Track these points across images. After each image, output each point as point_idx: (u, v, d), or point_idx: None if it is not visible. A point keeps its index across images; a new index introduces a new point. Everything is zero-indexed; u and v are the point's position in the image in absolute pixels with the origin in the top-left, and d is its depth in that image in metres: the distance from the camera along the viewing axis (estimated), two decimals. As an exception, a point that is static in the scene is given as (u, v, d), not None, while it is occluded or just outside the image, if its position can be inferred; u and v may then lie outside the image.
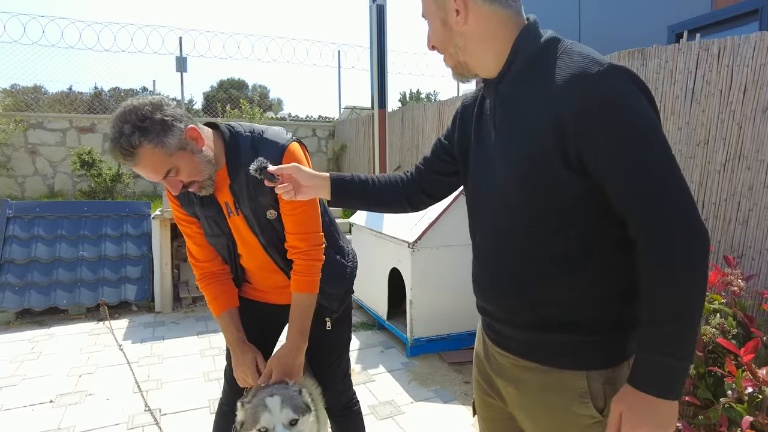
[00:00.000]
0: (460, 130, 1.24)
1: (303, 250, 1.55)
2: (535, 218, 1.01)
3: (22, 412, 2.87)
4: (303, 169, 1.30)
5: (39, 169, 7.36)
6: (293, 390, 1.45)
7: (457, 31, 1.05)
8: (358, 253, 4.57)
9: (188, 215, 1.59)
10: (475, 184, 1.17)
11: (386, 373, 3.29)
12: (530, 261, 1.03)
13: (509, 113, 1.06)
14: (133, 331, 4.20)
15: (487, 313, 1.16)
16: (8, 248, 4.57)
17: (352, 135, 8.75)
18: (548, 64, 0.98)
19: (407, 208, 1.40)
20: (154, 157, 1.30)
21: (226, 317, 1.63)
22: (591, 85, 0.91)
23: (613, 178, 0.93)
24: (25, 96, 11.63)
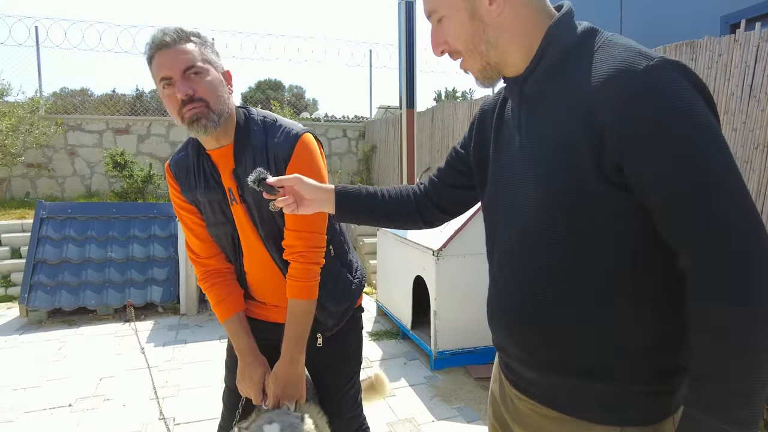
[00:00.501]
0: (478, 138, 1.08)
1: (299, 251, 1.41)
2: (559, 244, 0.84)
3: (42, 415, 2.87)
4: (306, 180, 1.19)
5: (77, 170, 7.57)
6: (294, 417, 1.33)
7: (490, 23, 0.88)
8: (383, 258, 4.45)
9: (187, 202, 1.47)
10: (493, 200, 1.00)
11: (408, 387, 3.14)
12: (553, 294, 0.86)
13: (536, 116, 0.89)
14: (157, 334, 4.19)
15: (504, 350, 0.99)
16: (41, 248, 4.66)
17: (382, 135, 8.62)
18: (584, 58, 0.82)
19: (420, 224, 1.25)
20: (192, 50, 1.30)
21: (235, 322, 1.50)
22: (637, 82, 0.74)
23: (659, 196, 0.75)
24: (73, 99, 12.07)
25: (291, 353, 1.41)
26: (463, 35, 0.91)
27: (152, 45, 1.29)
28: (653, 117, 0.73)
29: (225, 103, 1.34)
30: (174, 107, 1.29)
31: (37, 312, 4.44)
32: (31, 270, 4.53)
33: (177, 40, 1.29)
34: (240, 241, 1.48)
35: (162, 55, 1.28)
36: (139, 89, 11.12)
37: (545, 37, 0.87)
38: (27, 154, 7.08)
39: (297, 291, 1.42)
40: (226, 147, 1.39)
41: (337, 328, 1.55)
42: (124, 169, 6.49)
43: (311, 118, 11.65)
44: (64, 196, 7.46)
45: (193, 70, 1.28)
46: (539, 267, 0.88)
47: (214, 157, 1.41)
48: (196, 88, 1.28)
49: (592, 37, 0.85)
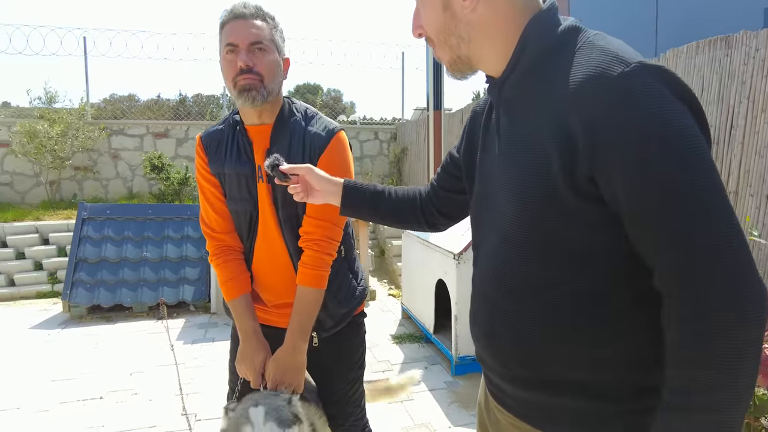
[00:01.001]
0: (468, 141, 1.06)
1: (315, 239, 1.44)
2: (534, 255, 0.81)
3: (75, 406, 3.01)
4: (316, 171, 1.24)
5: (120, 173, 7.91)
6: (281, 399, 1.32)
7: (462, 18, 0.85)
8: (407, 261, 4.44)
9: (212, 174, 1.51)
10: (476, 206, 0.98)
11: (427, 392, 3.11)
12: (525, 304, 0.83)
13: (513, 121, 0.86)
14: (187, 332, 4.33)
15: (483, 361, 0.97)
16: (83, 248, 4.90)
17: (413, 137, 8.60)
18: (562, 61, 0.77)
19: (424, 226, 1.25)
20: (263, 28, 1.39)
21: (242, 302, 1.51)
22: (610, 90, 0.70)
23: (627, 210, 0.71)
24: (121, 104, 12.64)
25: (294, 340, 1.43)
26: (434, 24, 0.89)
27: (230, 13, 1.39)
28: (624, 127, 0.69)
29: (277, 83, 1.43)
30: (231, 73, 1.37)
31: (78, 308, 4.66)
32: (73, 268, 4.76)
33: (253, 15, 1.39)
34: (257, 221, 1.50)
35: (235, 23, 1.38)
36: (182, 94, 11.51)
37: (521, 38, 0.82)
38: (74, 157, 7.46)
39: (308, 278, 1.44)
40: (266, 126, 1.45)
41: (334, 331, 1.56)
42: (161, 172, 6.75)
43: (347, 120, 11.75)
44: (108, 197, 7.81)
45: (258, 45, 1.37)
46: (513, 279, 0.85)
47: (251, 132, 1.46)
48: (257, 62, 1.37)
49: (573, 37, 0.80)
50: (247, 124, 1.47)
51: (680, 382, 0.68)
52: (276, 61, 1.42)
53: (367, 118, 11.97)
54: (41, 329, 4.42)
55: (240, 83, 1.36)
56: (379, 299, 5.13)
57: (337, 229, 1.48)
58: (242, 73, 1.36)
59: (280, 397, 1.34)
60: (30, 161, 7.23)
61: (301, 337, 1.44)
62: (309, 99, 9.70)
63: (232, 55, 1.37)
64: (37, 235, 5.95)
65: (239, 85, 1.37)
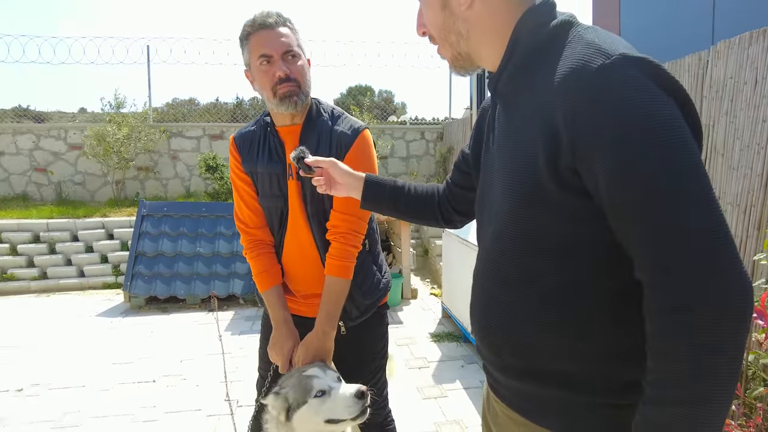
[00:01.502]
0: (476, 138, 1.09)
1: (342, 232, 1.51)
2: (523, 248, 0.83)
3: (131, 387, 3.25)
4: (339, 165, 1.29)
5: (178, 173, 8.36)
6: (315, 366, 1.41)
7: (460, 15, 0.88)
8: (447, 260, 4.45)
9: (245, 173, 1.60)
10: (479, 201, 1.01)
11: (461, 389, 3.12)
12: (517, 295, 0.85)
13: (508, 116, 0.89)
14: (235, 323, 4.54)
15: (479, 351, 1.00)
16: (142, 242, 5.24)
17: (459, 137, 8.55)
18: (552, 56, 0.78)
19: (441, 222, 1.28)
20: (290, 35, 1.47)
21: (274, 293, 1.60)
22: (589, 82, 0.71)
23: (608, 204, 0.72)
24: (182, 108, 13.32)
25: (323, 326, 1.50)
26: (435, 23, 0.92)
27: (254, 24, 1.45)
28: (603, 119, 0.69)
29: (309, 85, 1.51)
30: (269, 82, 1.45)
31: (137, 298, 4.99)
32: (133, 261, 5.10)
33: (278, 23, 1.45)
34: (287, 217, 1.58)
35: (263, 34, 1.44)
36: (238, 97, 11.98)
37: (512, 35, 0.84)
38: (138, 158, 7.96)
39: (335, 269, 1.52)
40: (296, 126, 1.53)
41: (360, 320, 1.62)
42: (215, 172, 7.08)
43: (398, 121, 11.82)
44: (167, 196, 8.27)
45: (290, 53, 1.45)
46: (506, 270, 0.87)
47: (282, 133, 1.55)
48: (292, 69, 1.45)
49: (565, 31, 0.80)
50: (278, 125, 1.55)
51: (657, 374, 0.69)
52: (305, 65, 1.50)
53: (419, 118, 11.99)
54: (105, 317, 4.77)
55: (280, 92, 1.44)
56: (420, 298, 5.17)
57: (362, 223, 1.54)
58: (281, 82, 1.43)
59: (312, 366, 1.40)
60: (99, 162, 7.79)
61: (329, 324, 1.51)
62: (359, 100, 9.83)
63: (267, 65, 1.44)
64: (103, 231, 6.40)
65: (280, 94, 1.44)
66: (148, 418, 2.85)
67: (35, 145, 8.05)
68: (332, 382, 1.34)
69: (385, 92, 30.16)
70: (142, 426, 2.77)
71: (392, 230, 5.75)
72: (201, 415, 2.87)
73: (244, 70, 1.53)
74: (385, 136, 8.91)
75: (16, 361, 3.70)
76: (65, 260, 6.09)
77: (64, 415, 2.90)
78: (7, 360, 3.73)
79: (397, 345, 3.87)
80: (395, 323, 4.40)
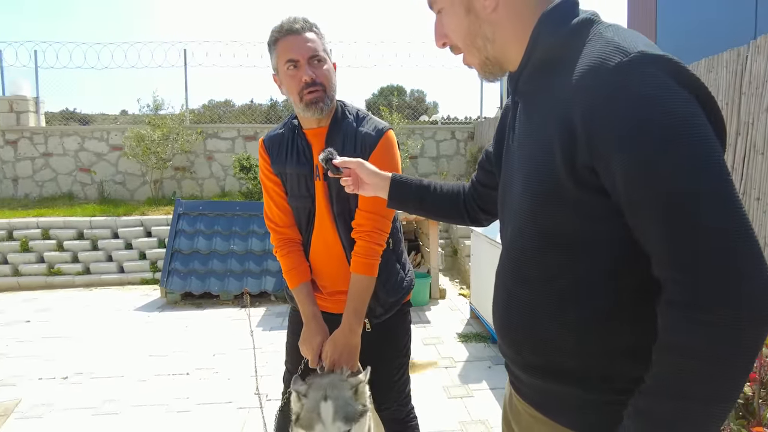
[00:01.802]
0: (498, 136, 1.10)
1: (366, 230, 1.55)
2: (543, 245, 0.84)
3: (166, 379, 3.38)
4: (366, 165, 1.32)
5: (214, 173, 8.61)
6: (347, 389, 1.38)
7: (485, 18, 0.87)
8: (476, 260, 4.43)
9: (274, 174, 1.65)
10: (500, 199, 1.02)
11: (488, 390, 3.11)
12: (536, 293, 0.86)
13: (527, 115, 0.89)
14: (267, 319, 4.64)
15: (501, 349, 1.01)
16: (178, 240, 5.41)
17: (490, 136, 8.48)
18: (571, 54, 0.78)
19: (467, 221, 1.30)
20: (316, 40, 1.50)
21: (303, 289, 1.65)
22: (606, 80, 0.70)
23: (630, 200, 0.71)
24: (218, 110, 13.66)
25: (350, 323, 1.54)
26: (459, 29, 0.91)
27: (281, 30, 1.50)
28: (620, 118, 0.69)
29: (335, 89, 1.55)
30: (296, 87, 1.49)
31: (173, 294, 5.17)
32: (169, 258, 5.28)
33: (304, 28, 1.49)
34: (314, 216, 1.63)
35: (290, 40, 1.47)
36: (272, 99, 12.19)
37: (532, 34, 0.84)
38: (175, 159, 8.23)
39: (360, 267, 1.55)
40: (322, 128, 1.58)
41: (385, 318, 1.65)
42: (249, 172, 7.25)
43: (429, 120, 11.80)
44: (203, 195, 8.52)
45: (316, 58, 1.48)
46: (527, 268, 0.88)
47: (309, 136, 1.60)
48: (318, 73, 1.48)
49: (586, 29, 0.80)
50: (305, 128, 1.60)
51: (663, 368, 0.68)
52: (331, 69, 1.53)
53: (450, 117, 11.95)
54: (143, 311, 4.96)
55: (306, 98, 1.48)
56: (448, 298, 5.16)
57: (386, 221, 1.58)
58: (307, 87, 1.47)
59: (347, 383, 1.39)
60: (138, 162, 8.10)
61: (355, 320, 1.55)
62: (390, 100, 9.86)
63: (294, 70, 1.48)
64: (142, 228, 6.65)
65: (306, 99, 1.48)
66: (182, 408, 2.96)
67: (80, 147, 8.44)
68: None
69: (416, 92, 30.07)
70: (176, 416, 2.88)
71: (421, 230, 5.76)
72: (232, 407, 2.96)
73: (273, 74, 1.58)
74: (415, 136, 8.92)
75: (62, 351, 3.90)
76: (106, 256, 6.36)
77: (104, 403, 3.04)
78: (55, 349, 3.94)
79: (423, 344, 3.88)
80: (423, 323, 4.41)
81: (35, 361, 3.72)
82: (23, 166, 8.38)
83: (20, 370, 3.54)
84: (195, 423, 2.80)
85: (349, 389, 1.38)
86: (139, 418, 2.87)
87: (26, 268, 6.14)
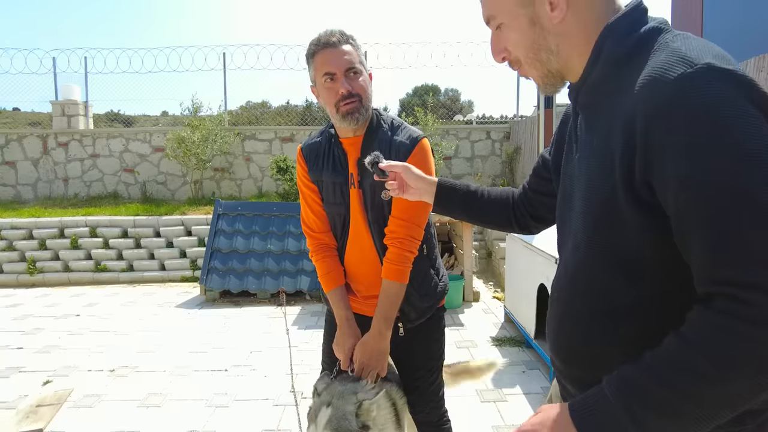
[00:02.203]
0: (557, 144, 1.09)
1: (399, 237, 1.57)
2: (597, 260, 0.85)
3: (205, 375, 3.49)
4: (412, 169, 1.34)
5: (251, 173, 8.82)
6: (352, 403, 1.40)
7: (552, 30, 0.85)
8: (511, 264, 4.38)
9: (311, 181, 1.70)
10: (560, 210, 1.01)
11: (521, 395, 3.08)
12: (589, 308, 0.87)
13: (588, 126, 0.88)
14: (302, 318, 4.73)
15: (554, 363, 1.01)
16: (217, 239, 5.58)
17: (526, 136, 8.35)
18: (636, 65, 0.77)
19: (515, 228, 1.29)
20: (352, 52, 1.54)
21: (338, 293, 1.69)
22: (666, 92, 0.69)
23: (677, 212, 0.71)
24: (255, 111, 13.96)
25: (380, 327, 1.58)
26: (522, 42, 0.88)
27: (318, 43, 1.54)
28: (677, 131, 0.68)
29: (371, 99, 1.58)
30: (333, 99, 1.53)
31: (212, 292, 5.33)
32: (209, 257, 5.45)
33: (341, 41, 1.53)
34: (349, 222, 1.67)
35: (328, 53, 1.52)
36: (308, 100, 12.36)
37: (596, 45, 0.83)
38: (214, 160, 8.47)
39: (391, 273, 1.58)
40: (358, 137, 1.61)
41: (418, 322, 1.67)
42: (285, 173, 7.39)
43: (464, 120, 11.74)
44: (241, 195, 8.74)
45: (353, 70, 1.52)
46: (580, 283, 0.88)
47: (345, 144, 1.64)
48: (354, 85, 1.52)
49: (653, 39, 0.78)
50: (342, 137, 1.63)
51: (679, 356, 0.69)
52: (366, 80, 1.57)
53: (486, 116, 11.86)
54: (183, 308, 5.13)
55: (343, 109, 1.52)
56: (482, 301, 5.13)
57: (419, 229, 1.60)
58: (344, 99, 1.51)
59: (354, 398, 1.41)
60: (179, 163, 8.38)
61: (385, 325, 1.58)
62: (424, 100, 9.86)
63: (331, 83, 1.52)
64: (182, 227, 6.88)
65: (342, 111, 1.52)
66: (221, 404, 3.06)
67: (125, 148, 8.79)
68: None
69: (451, 91, 29.91)
70: (216, 411, 2.98)
71: (455, 232, 5.74)
72: (268, 404, 3.04)
73: (311, 86, 1.62)
74: (450, 136, 8.88)
75: (109, 344, 4.09)
76: (149, 254, 6.61)
77: (148, 396, 3.17)
78: (102, 343, 4.13)
79: (457, 347, 3.88)
80: (456, 325, 4.40)
81: (85, 353, 3.92)
82: (73, 167, 8.80)
83: (72, 362, 3.74)
84: (233, 418, 2.89)
85: (354, 404, 1.40)
86: (180, 410, 2.99)
87: (75, 265, 6.45)
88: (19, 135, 8.88)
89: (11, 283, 6.28)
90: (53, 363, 3.72)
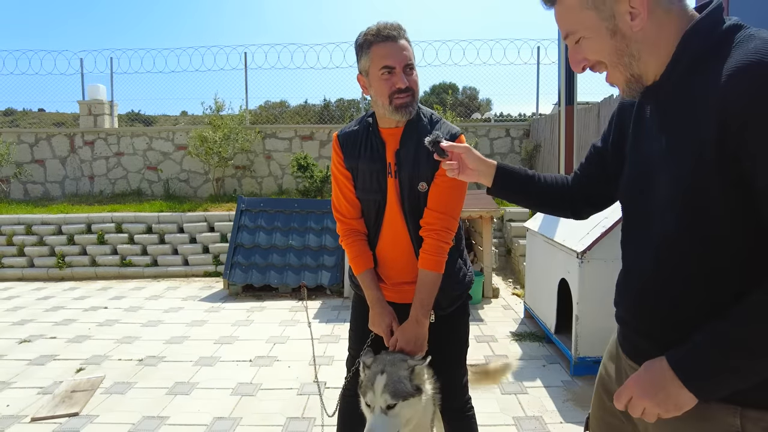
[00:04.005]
0: (617, 133, 1.14)
1: (435, 229, 1.62)
2: (684, 230, 0.90)
3: (230, 365, 3.58)
4: (473, 151, 1.37)
5: (272, 171, 8.94)
6: (404, 369, 1.47)
7: (633, 37, 0.91)
8: (531, 259, 4.39)
9: (346, 168, 1.74)
10: (630, 195, 1.07)
11: (542, 388, 3.10)
12: (677, 278, 0.93)
13: (670, 121, 0.93)
14: (323, 312, 4.80)
15: (626, 324, 1.06)
16: (240, 235, 5.68)
17: (546, 134, 8.31)
18: (719, 59, 0.83)
19: (569, 214, 1.33)
20: (409, 48, 1.59)
21: (368, 275, 1.74)
22: (763, 73, 0.76)
23: (760, 189, 0.79)
24: (274, 110, 14.11)
25: (417, 315, 1.63)
26: (603, 52, 0.94)
27: (378, 34, 1.57)
28: None
29: (419, 94, 1.63)
30: (388, 91, 1.58)
31: (235, 286, 5.43)
32: (232, 252, 5.56)
33: (400, 36, 1.57)
34: (384, 210, 1.71)
35: (388, 46, 1.55)
36: (326, 99, 12.44)
37: (680, 45, 0.89)
38: (235, 158, 8.62)
39: (428, 263, 1.63)
40: (398, 129, 1.66)
41: (449, 310, 1.72)
42: (306, 171, 7.48)
43: (482, 118, 11.70)
44: (262, 193, 8.87)
45: (410, 66, 1.58)
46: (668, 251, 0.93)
47: (385, 134, 1.68)
48: (410, 81, 1.58)
49: (732, 34, 0.85)
50: (382, 126, 1.68)
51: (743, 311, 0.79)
52: (417, 75, 1.62)
53: (504, 114, 11.81)
54: (207, 302, 5.25)
55: (397, 102, 1.57)
56: (501, 297, 5.14)
57: (454, 221, 1.65)
58: (400, 92, 1.56)
59: (407, 363, 1.49)
60: (201, 161, 8.54)
61: (423, 313, 1.63)
62: (443, 98, 9.87)
63: (389, 75, 1.56)
64: (205, 224, 7.01)
65: (396, 104, 1.57)
66: (246, 392, 3.14)
67: (148, 146, 8.99)
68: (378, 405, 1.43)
69: (469, 89, 29.70)
70: (242, 399, 3.06)
71: (474, 228, 5.75)
72: (292, 393, 3.11)
73: (358, 74, 1.66)
74: (468, 134, 8.88)
75: (137, 336, 4.22)
76: (172, 250, 6.75)
77: (176, 385, 3.27)
78: (130, 334, 4.26)
79: (477, 342, 3.91)
80: (475, 321, 4.42)
81: (114, 343, 4.04)
82: (99, 164, 9.03)
83: (102, 351, 3.87)
84: (259, 406, 2.97)
85: (406, 369, 1.47)
86: (207, 398, 3.07)
87: (102, 259, 6.63)
88: (47, 134, 9.15)
89: (42, 276, 6.48)
90: (85, 352, 3.85)
